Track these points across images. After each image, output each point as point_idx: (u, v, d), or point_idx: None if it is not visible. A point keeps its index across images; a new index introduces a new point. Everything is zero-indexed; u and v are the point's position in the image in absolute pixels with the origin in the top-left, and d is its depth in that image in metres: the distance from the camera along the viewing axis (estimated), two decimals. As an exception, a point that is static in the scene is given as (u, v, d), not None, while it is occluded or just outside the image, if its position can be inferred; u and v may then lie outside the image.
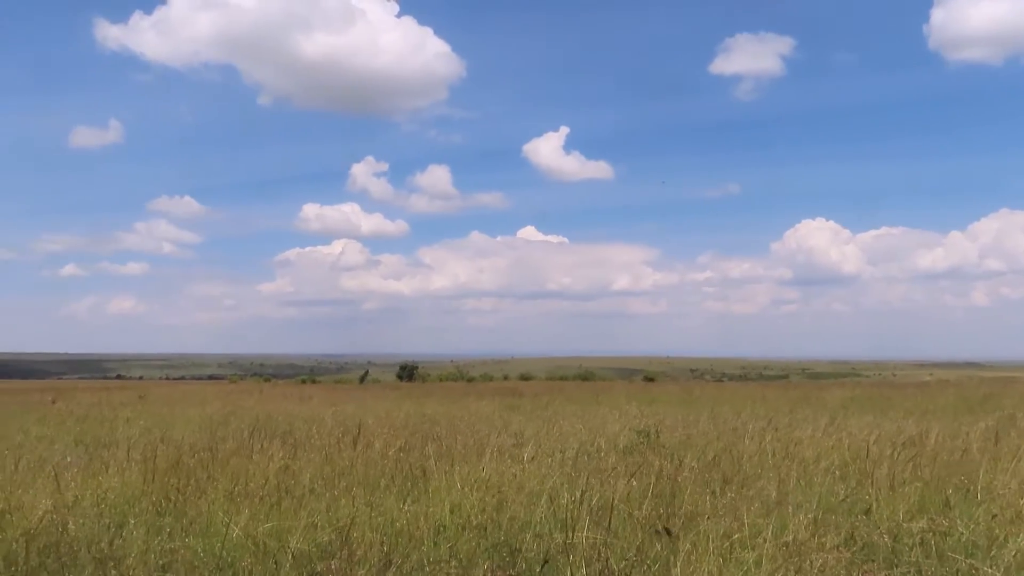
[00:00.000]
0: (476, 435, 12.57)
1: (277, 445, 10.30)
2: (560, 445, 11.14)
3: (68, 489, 7.58)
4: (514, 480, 8.06)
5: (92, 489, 7.74)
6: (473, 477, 8.30)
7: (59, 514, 6.41)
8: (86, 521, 6.38)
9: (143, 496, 7.40)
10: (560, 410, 19.92)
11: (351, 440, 10.97)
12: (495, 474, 8.50)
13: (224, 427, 14.75)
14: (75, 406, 22.72)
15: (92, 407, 22.27)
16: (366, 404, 24.11)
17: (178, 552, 5.65)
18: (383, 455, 9.75)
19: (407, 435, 12.70)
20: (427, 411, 19.94)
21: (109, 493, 7.54)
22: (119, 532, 6.14)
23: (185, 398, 29.00)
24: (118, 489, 7.71)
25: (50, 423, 16.90)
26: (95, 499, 7.37)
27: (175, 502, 7.03)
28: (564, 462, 9.43)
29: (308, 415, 17.84)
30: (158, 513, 6.80)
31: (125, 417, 17.98)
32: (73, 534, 6.01)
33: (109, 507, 6.97)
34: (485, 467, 8.72)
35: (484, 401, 24.86)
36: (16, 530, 6.10)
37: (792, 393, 29.26)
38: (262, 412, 19.65)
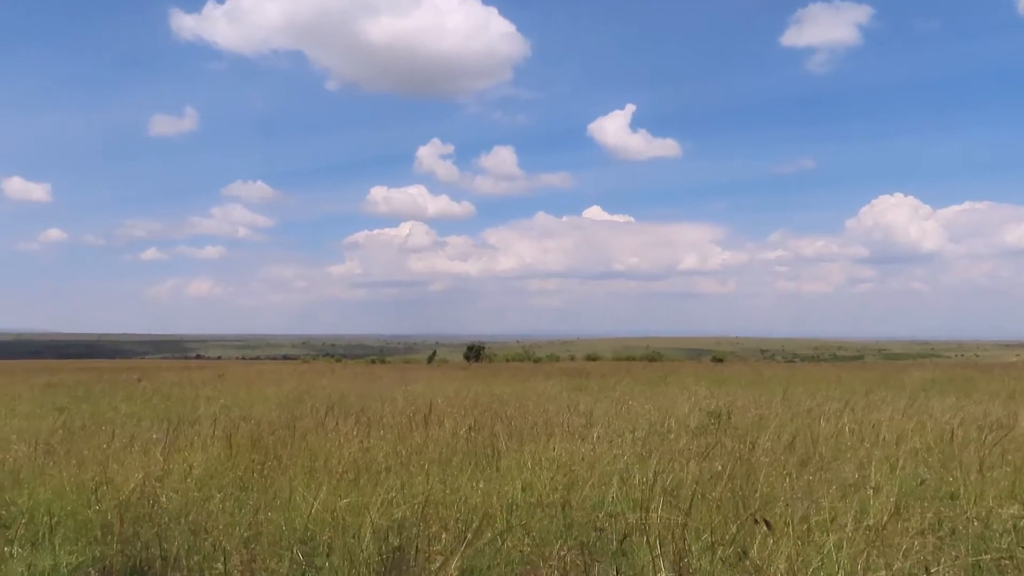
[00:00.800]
0: (544, 415, 12.61)
1: (352, 424, 10.54)
2: (630, 425, 11.09)
3: (157, 463, 7.92)
4: (584, 460, 8.08)
5: (179, 464, 8.06)
6: (543, 456, 8.35)
7: (150, 486, 6.70)
8: (175, 494, 6.65)
9: (227, 471, 7.68)
10: (628, 391, 19.78)
11: (422, 419, 11.14)
12: (565, 453, 8.53)
13: (300, 406, 15.15)
14: (159, 385, 23.64)
15: (175, 386, 23.14)
16: (435, 384, 24.34)
17: (262, 525, 5.84)
18: (454, 434, 9.88)
19: (476, 414, 12.82)
20: (495, 391, 20.01)
21: (195, 468, 7.84)
22: (206, 504, 6.38)
23: (261, 377, 29.85)
24: (203, 464, 8.01)
25: (137, 401, 17.62)
26: (182, 473, 7.67)
27: (257, 477, 7.27)
28: (635, 442, 9.39)
29: (379, 394, 18.15)
30: (241, 488, 7.04)
31: (206, 395, 18.61)
32: (164, 505, 6.27)
33: (196, 481, 7.25)
34: (555, 446, 8.77)
35: (551, 381, 24.85)
36: (111, 501, 6.41)
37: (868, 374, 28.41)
38: (335, 391, 20.09)
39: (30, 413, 14.66)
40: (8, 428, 11.70)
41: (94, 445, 9.06)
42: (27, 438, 9.99)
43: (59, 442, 9.52)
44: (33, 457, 8.47)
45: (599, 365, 46.66)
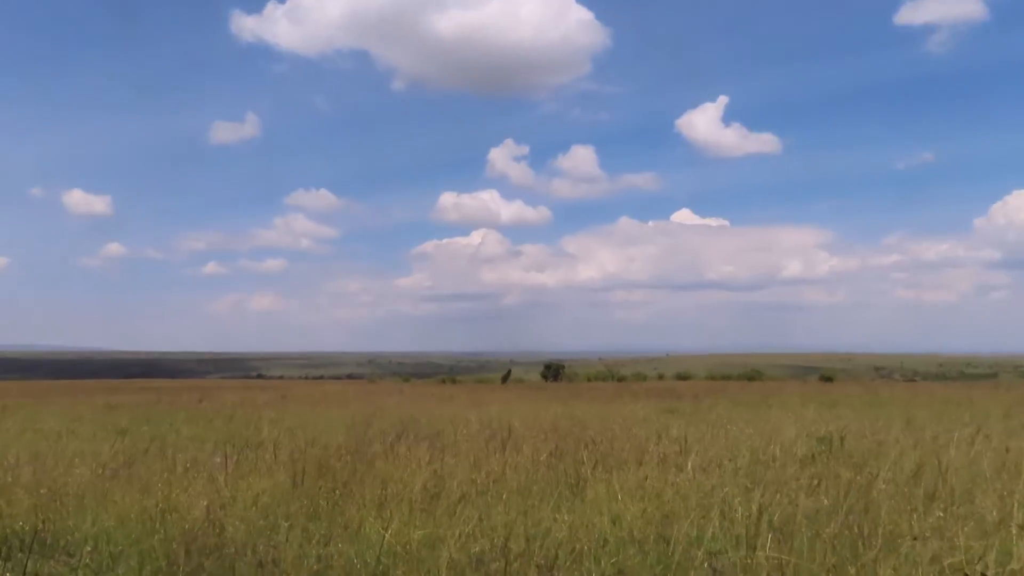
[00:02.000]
0: (633, 440, 12.51)
1: (424, 448, 10.65)
2: (729, 453, 10.87)
3: (221, 490, 8.16)
4: (679, 491, 7.96)
5: (244, 491, 8.29)
6: (633, 486, 8.25)
7: (215, 515, 6.90)
8: (240, 523, 6.83)
9: (293, 499, 7.85)
10: (725, 413, 19.44)
11: (499, 444, 11.16)
12: (657, 483, 8.41)
13: (368, 429, 15.38)
14: (220, 406, 24.44)
15: (236, 407, 23.88)
16: (511, 405, 24.43)
17: (332, 558, 5.94)
18: (534, 460, 9.86)
19: (557, 439, 12.79)
20: (577, 413, 19.98)
21: (261, 495, 8.04)
22: (272, 535, 6.53)
23: (326, 398, 30.54)
24: (269, 491, 8.21)
25: (199, 423, 18.26)
26: (247, 501, 7.88)
27: (325, 506, 7.40)
28: (735, 472, 9.19)
29: (452, 417, 18.30)
30: (309, 517, 7.19)
31: (269, 417, 19.12)
32: (230, 535, 6.45)
33: (261, 509, 7.43)
34: (646, 475, 8.65)
35: (638, 403, 24.64)
36: (176, 529, 6.62)
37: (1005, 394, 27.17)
38: (405, 413, 20.36)
39: (92, 435, 15.32)
40: (70, 450, 12.25)
41: (157, 469, 9.42)
42: (89, 461, 10.44)
43: (122, 466, 9.91)
44: (96, 481, 8.84)
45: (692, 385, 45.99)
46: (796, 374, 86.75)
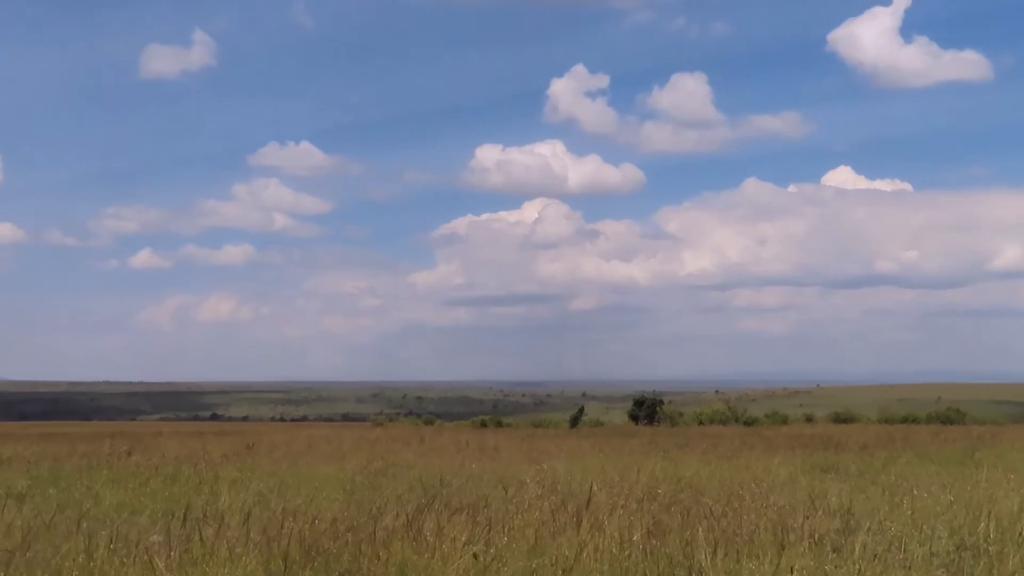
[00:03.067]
0: (771, 512, 12.47)
1: (460, 523, 10.67)
2: (917, 532, 10.80)
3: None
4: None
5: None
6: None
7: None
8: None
9: (269, 596, 7.95)
10: (909, 473, 19.21)
11: (571, 517, 11.14)
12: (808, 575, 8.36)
13: (374, 493, 15.48)
14: (159, 459, 24.81)
15: (183, 461, 24.23)
16: (585, 460, 24.40)
17: None
18: (624, 541, 9.84)
19: (656, 510, 12.77)
20: (685, 472, 19.93)
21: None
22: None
23: (313, 448, 30.79)
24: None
25: (128, 485, 18.56)
26: (201, 598, 8.00)
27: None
28: (928, 560, 9.12)
29: (499, 477, 18.32)
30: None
31: (230, 477, 19.38)
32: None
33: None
34: (793, 564, 8.62)
35: (776, 457, 24.48)
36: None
37: None
38: (428, 471, 20.44)
39: (-25, 502, 15.65)
40: (-55, 524, 12.53)
41: (69, 551, 9.57)
42: (-27, 540, 10.67)
43: (19, 546, 10.08)
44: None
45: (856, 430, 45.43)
46: (1016, 414, 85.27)
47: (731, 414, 63.27)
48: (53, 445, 33.72)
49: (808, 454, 25.94)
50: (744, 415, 62.96)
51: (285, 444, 33.85)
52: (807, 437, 36.82)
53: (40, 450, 30.29)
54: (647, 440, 35.66)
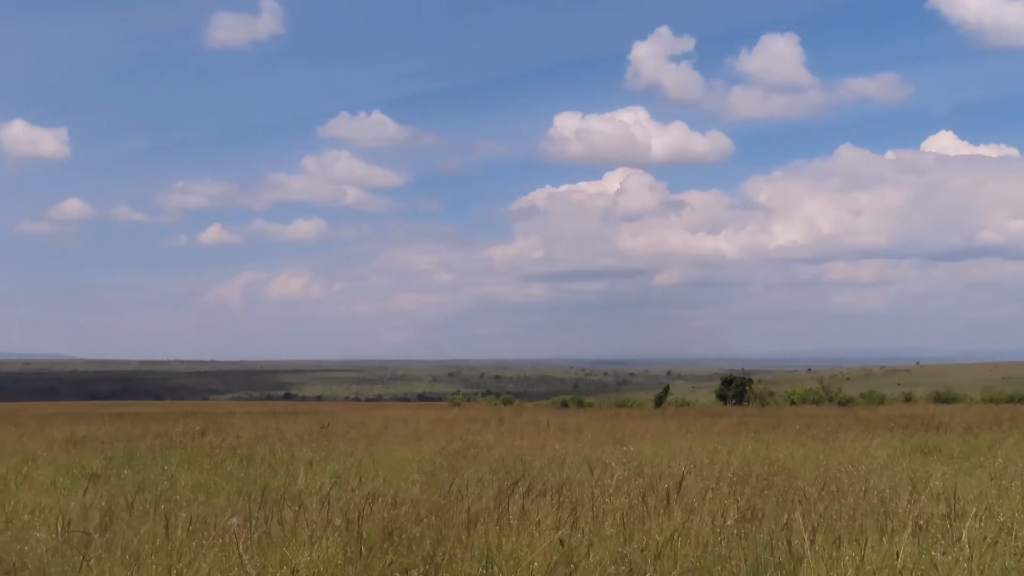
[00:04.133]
0: (871, 496, 12.40)
1: (545, 506, 10.71)
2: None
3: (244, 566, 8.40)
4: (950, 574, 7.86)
5: (275, 567, 8.52)
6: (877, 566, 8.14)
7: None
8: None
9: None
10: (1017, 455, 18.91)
11: (661, 500, 11.12)
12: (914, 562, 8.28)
13: (456, 476, 15.57)
14: (233, 440, 25.24)
15: (257, 441, 24.62)
16: (672, 441, 24.36)
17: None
18: (716, 526, 9.83)
19: (749, 494, 12.72)
20: (778, 454, 19.86)
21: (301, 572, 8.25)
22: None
23: (389, 429, 31.08)
24: (312, 567, 8.42)
25: (203, 465, 18.91)
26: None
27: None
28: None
29: (583, 458, 18.35)
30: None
31: (306, 458, 19.63)
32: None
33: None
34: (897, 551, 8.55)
35: (875, 439, 24.25)
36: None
37: None
38: (509, 452, 20.55)
39: (51, 482, 16.06)
40: (22, 504, 12.87)
41: (147, 534, 9.78)
42: (51, 521, 10.94)
43: (97, 528, 10.34)
44: (63, 550, 9.24)
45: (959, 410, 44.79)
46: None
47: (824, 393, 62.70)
48: (126, 425, 34.42)
49: (908, 435, 25.63)
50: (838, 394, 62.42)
51: (361, 424, 34.22)
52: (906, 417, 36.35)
53: (113, 430, 30.94)
54: (736, 421, 35.46)
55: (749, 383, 64.16)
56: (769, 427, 30.54)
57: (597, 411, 52.03)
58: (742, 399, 61.08)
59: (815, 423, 32.66)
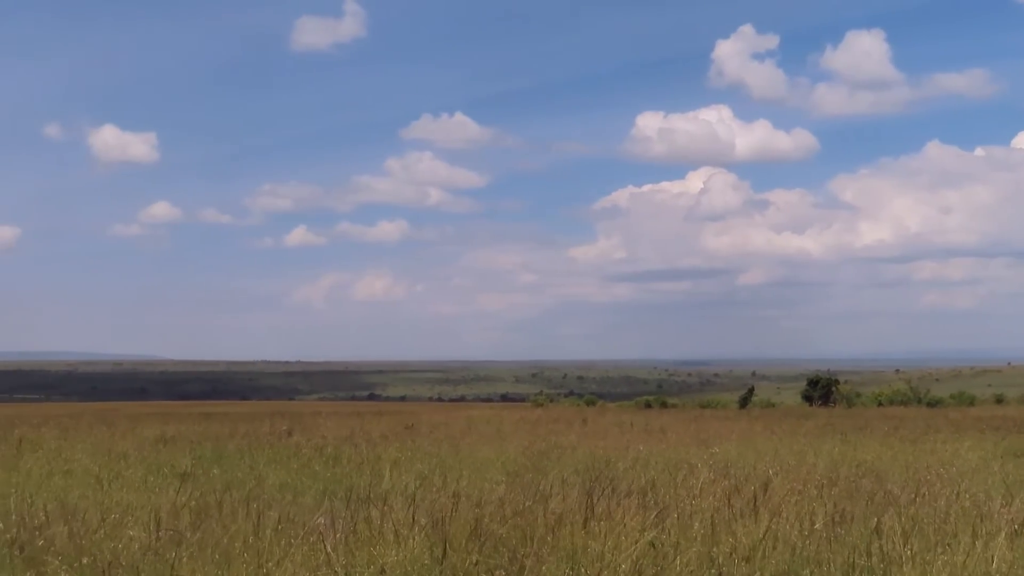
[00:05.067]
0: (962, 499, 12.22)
1: (631, 508, 10.68)
2: None
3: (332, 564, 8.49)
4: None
5: (363, 566, 8.61)
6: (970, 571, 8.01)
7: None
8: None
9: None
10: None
11: (748, 502, 11.06)
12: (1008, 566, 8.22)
13: (539, 475, 15.61)
14: (319, 440, 25.54)
15: (343, 441, 24.88)
16: (757, 443, 24.27)
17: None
18: (804, 529, 9.74)
19: (838, 496, 12.60)
20: (865, 456, 19.74)
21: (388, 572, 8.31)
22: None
23: (472, 429, 31.24)
24: (400, 567, 8.49)
25: (290, 465, 19.15)
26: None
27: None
28: None
29: (668, 460, 18.31)
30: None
31: (391, 458, 19.79)
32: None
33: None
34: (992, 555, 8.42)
35: (966, 441, 23.99)
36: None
37: None
38: (593, 453, 20.56)
39: (142, 481, 16.38)
40: (114, 503, 13.13)
41: (237, 532, 9.93)
42: (143, 519, 11.14)
43: (188, 526, 10.51)
44: (155, 548, 9.40)
45: (1053, 412, 43.95)
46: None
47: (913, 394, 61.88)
48: (214, 425, 34.97)
49: (1000, 438, 25.30)
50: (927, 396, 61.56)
51: (444, 424, 34.45)
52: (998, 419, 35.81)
53: (202, 429, 31.45)
54: (823, 422, 35.19)
55: (835, 384, 63.51)
56: (856, 429, 30.30)
57: (681, 412, 51.82)
58: (828, 400, 60.51)
59: (903, 425, 32.35)
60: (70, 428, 32.40)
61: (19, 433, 27.95)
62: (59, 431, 30.23)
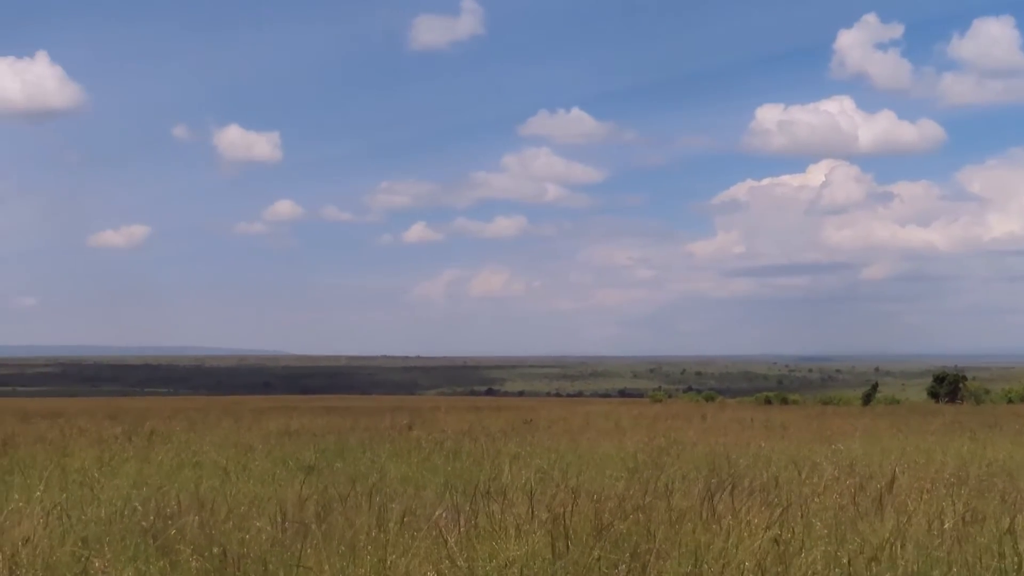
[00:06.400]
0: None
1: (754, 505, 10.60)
2: None
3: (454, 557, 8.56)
4: None
5: (484, 560, 8.67)
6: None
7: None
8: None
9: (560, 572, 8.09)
10: None
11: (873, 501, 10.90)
12: None
13: (658, 472, 15.55)
14: (439, 434, 25.75)
15: (462, 436, 25.06)
16: (882, 440, 23.91)
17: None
18: (933, 528, 9.57)
19: (967, 496, 12.34)
20: (996, 455, 19.29)
21: (510, 567, 8.36)
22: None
23: (591, 425, 31.24)
24: (521, 561, 8.53)
25: (411, 458, 19.37)
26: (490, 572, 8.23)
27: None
28: None
29: (790, 457, 18.10)
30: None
31: (510, 452, 19.88)
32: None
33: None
34: None
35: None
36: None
37: None
38: (713, 450, 20.43)
39: (268, 473, 16.72)
40: (241, 495, 13.44)
41: (362, 525, 10.07)
42: (269, 510, 11.38)
43: (313, 518, 10.69)
44: (282, 539, 9.60)
45: None
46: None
47: (1049, 392, 60.15)
48: (336, 419, 35.50)
49: None
50: (1065, 393, 59.78)
51: (563, 420, 34.47)
52: None
53: (324, 423, 31.98)
54: (950, 419, 34.40)
55: (963, 380, 62.04)
56: (986, 426, 29.60)
57: (802, 408, 51.18)
58: (955, 397, 59.16)
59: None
60: (198, 421, 33.17)
61: (150, 426, 28.75)
62: (187, 424, 31.00)
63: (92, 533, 10.26)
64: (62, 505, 11.58)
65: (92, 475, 15.46)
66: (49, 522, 10.40)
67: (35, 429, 27.97)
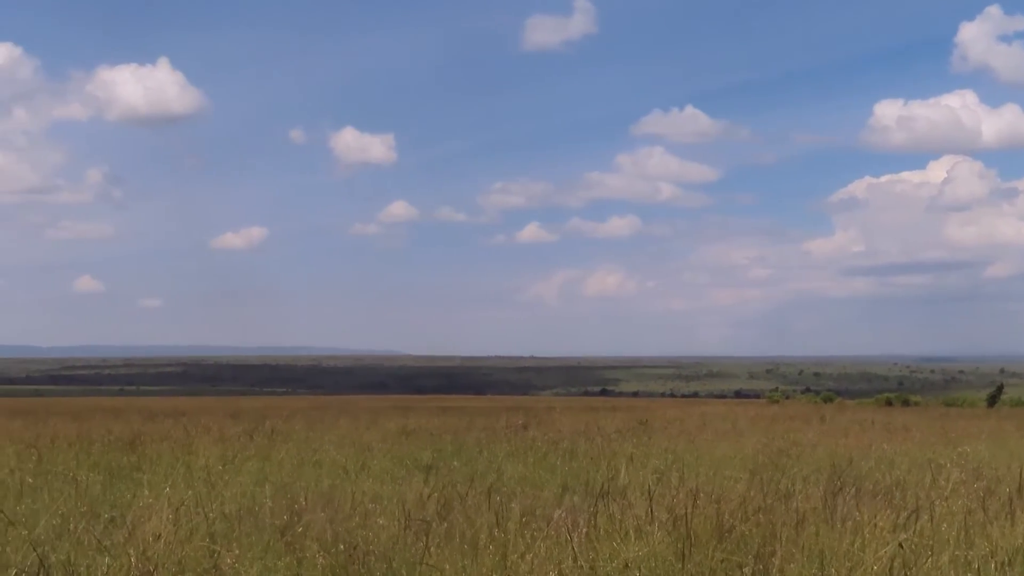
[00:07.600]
0: None
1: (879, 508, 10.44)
2: None
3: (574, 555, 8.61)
4: None
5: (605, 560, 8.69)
6: None
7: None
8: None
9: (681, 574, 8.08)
10: None
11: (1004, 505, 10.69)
12: None
13: (780, 474, 15.40)
14: (555, 434, 25.80)
15: (578, 436, 25.07)
16: (1009, 442, 23.43)
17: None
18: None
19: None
20: None
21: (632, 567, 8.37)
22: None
23: (707, 426, 31.06)
24: (643, 563, 8.53)
25: (527, 458, 19.43)
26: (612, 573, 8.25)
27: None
28: None
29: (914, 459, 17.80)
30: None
31: (627, 453, 19.84)
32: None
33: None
34: None
35: None
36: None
37: None
38: (833, 451, 20.19)
39: (387, 472, 16.91)
40: (362, 493, 13.62)
41: (482, 523, 10.17)
42: (391, 508, 11.54)
43: (434, 516, 10.82)
44: (404, 536, 9.73)
45: None
46: None
47: None
48: (451, 418, 35.77)
49: None
50: None
51: (679, 420, 34.32)
52: None
53: (440, 423, 32.25)
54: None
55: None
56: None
57: (924, 410, 50.21)
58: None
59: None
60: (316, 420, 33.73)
61: (270, 424, 29.30)
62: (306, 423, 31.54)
63: (219, 529, 10.53)
64: (190, 502, 11.88)
65: (216, 472, 15.85)
66: (178, 518, 10.67)
67: (160, 427, 28.69)
